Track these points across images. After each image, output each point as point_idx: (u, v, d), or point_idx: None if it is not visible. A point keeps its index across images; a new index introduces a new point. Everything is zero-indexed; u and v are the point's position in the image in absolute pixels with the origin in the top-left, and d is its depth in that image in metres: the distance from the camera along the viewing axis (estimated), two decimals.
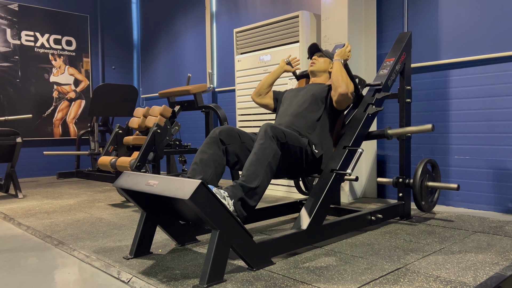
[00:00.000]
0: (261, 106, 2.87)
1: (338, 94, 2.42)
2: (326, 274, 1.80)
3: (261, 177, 2.05)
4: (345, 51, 2.55)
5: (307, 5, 4.21)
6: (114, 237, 2.50)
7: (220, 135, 2.26)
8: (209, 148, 2.23)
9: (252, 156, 2.09)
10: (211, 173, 2.18)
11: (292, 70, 2.89)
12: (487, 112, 3.14)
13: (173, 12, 6.07)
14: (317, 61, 2.74)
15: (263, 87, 2.83)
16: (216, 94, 5.39)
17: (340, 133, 2.62)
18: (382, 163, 3.77)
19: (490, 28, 3.11)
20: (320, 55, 2.77)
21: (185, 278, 1.78)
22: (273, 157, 2.11)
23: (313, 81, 2.77)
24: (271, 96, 2.85)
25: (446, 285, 1.66)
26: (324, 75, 2.74)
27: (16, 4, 5.63)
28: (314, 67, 2.73)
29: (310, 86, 2.68)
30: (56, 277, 1.91)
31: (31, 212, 3.31)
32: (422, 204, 2.89)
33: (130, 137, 3.63)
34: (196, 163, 2.19)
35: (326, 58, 2.75)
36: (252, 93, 2.87)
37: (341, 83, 2.41)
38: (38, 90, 5.83)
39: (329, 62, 2.73)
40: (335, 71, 2.48)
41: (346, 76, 2.46)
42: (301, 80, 2.99)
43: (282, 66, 2.87)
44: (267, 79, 2.84)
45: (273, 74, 2.85)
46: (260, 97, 2.85)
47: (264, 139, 2.12)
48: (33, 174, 5.77)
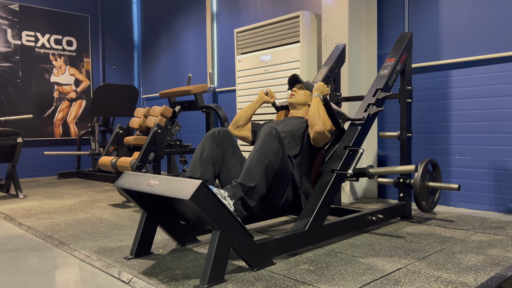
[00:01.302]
0: (238, 138, 2.72)
1: (314, 132, 2.32)
2: (327, 275, 1.80)
3: (260, 176, 2.05)
4: (324, 86, 2.48)
5: (308, 5, 4.20)
6: (115, 237, 2.50)
7: (219, 134, 2.27)
8: (207, 145, 2.24)
9: (253, 154, 2.08)
10: (210, 171, 2.20)
11: (271, 101, 2.78)
12: (488, 112, 3.14)
13: (174, 12, 6.08)
14: (297, 93, 2.67)
15: (241, 119, 2.69)
16: (216, 94, 5.39)
17: (319, 171, 2.50)
18: (382, 163, 3.76)
19: (491, 28, 3.11)
20: (300, 87, 2.69)
21: (185, 278, 1.78)
22: (275, 155, 2.09)
23: (292, 113, 2.69)
24: (249, 129, 2.72)
25: (447, 285, 1.66)
26: (304, 108, 2.65)
27: (17, 4, 5.63)
28: (293, 99, 2.66)
29: (289, 120, 2.59)
30: (56, 277, 1.91)
31: (31, 212, 3.31)
32: (423, 204, 2.88)
33: (130, 137, 3.63)
34: (195, 161, 2.20)
35: (306, 90, 2.67)
36: (230, 125, 2.73)
37: (318, 121, 2.31)
38: (39, 90, 5.83)
39: (309, 95, 2.65)
40: (312, 108, 2.38)
41: (323, 113, 2.37)
42: (280, 112, 2.92)
43: (262, 97, 2.76)
44: (245, 111, 2.71)
45: (251, 106, 2.73)
46: (237, 129, 2.69)
47: (267, 137, 2.10)
48: (33, 174, 5.77)
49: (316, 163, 2.51)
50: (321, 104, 2.42)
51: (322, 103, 2.43)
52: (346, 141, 2.42)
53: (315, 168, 2.50)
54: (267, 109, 4.02)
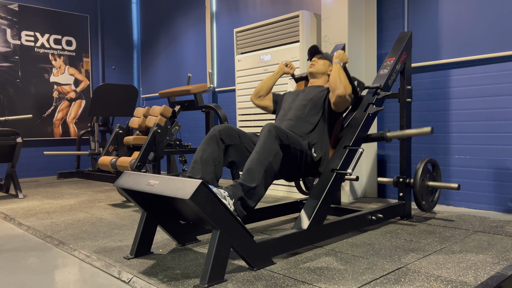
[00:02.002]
0: (260, 108, 2.87)
1: (336, 96, 2.41)
2: (327, 274, 1.80)
3: (261, 177, 2.05)
4: (344, 54, 2.56)
5: (307, 5, 4.20)
6: (115, 237, 2.50)
7: (220, 133, 2.26)
8: (208, 146, 2.23)
9: (253, 155, 2.09)
10: (210, 172, 2.19)
11: (291, 72, 2.89)
12: (487, 112, 3.14)
13: (173, 12, 6.07)
14: (317, 63, 2.74)
15: (262, 89, 2.83)
16: (216, 94, 5.39)
17: (338, 136, 2.61)
18: (382, 163, 3.76)
19: (491, 28, 3.11)
20: (320, 57, 2.76)
21: (185, 278, 1.78)
22: (274, 157, 2.11)
23: (312, 83, 2.76)
24: (271, 98, 2.85)
25: (447, 284, 1.66)
26: (323, 77, 2.73)
27: (16, 4, 5.63)
28: (314, 68, 2.73)
29: (309, 89, 2.67)
30: (56, 277, 1.91)
31: (31, 212, 3.31)
32: (422, 203, 2.89)
33: (130, 137, 3.63)
34: (196, 161, 2.20)
35: (326, 60, 2.74)
36: (251, 95, 2.86)
37: (339, 85, 2.40)
38: (38, 90, 5.83)
39: (329, 65, 2.72)
40: (333, 73, 2.48)
41: (345, 78, 2.45)
42: (299, 83, 2.98)
43: (282, 68, 2.87)
44: (266, 81, 2.84)
45: (272, 76, 2.85)
46: (259, 99, 2.84)
47: (267, 138, 2.12)
48: (33, 174, 5.77)
49: (335, 129, 2.62)
50: (342, 70, 2.50)
51: (343, 69, 2.51)
52: (346, 140, 2.43)
53: (334, 133, 2.61)
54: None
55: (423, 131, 2.51)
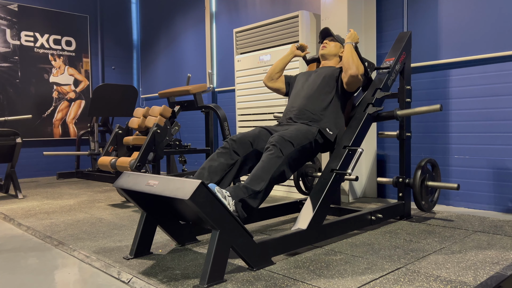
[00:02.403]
0: (273, 90, 2.90)
1: (348, 75, 2.46)
2: (327, 274, 1.80)
3: (266, 183, 2.10)
4: (355, 34, 2.62)
5: (307, 5, 4.20)
6: (114, 237, 2.50)
7: (233, 147, 2.30)
8: (219, 157, 2.26)
9: (260, 164, 2.16)
10: (217, 180, 2.20)
11: (302, 54, 2.92)
12: (487, 112, 3.14)
13: (173, 12, 6.07)
14: (328, 45, 2.78)
15: (274, 71, 2.86)
16: (216, 94, 5.39)
17: (349, 115, 2.67)
18: (382, 163, 3.77)
19: (490, 28, 3.11)
20: (331, 39, 2.80)
21: (185, 278, 1.78)
22: (278, 169, 2.16)
23: (324, 64, 2.81)
24: (283, 80, 2.88)
25: (447, 284, 1.66)
26: (335, 59, 2.78)
27: (16, 5, 5.63)
28: (325, 50, 2.77)
29: (321, 69, 2.72)
30: (56, 277, 1.91)
31: (31, 212, 3.31)
32: (422, 203, 2.89)
33: (130, 137, 3.63)
34: (204, 168, 2.21)
35: (337, 42, 2.79)
36: (264, 78, 2.89)
37: (352, 65, 2.45)
38: (38, 91, 5.83)
39: (340, 47, 2.78)
40: (346, 53, 2.52)
41: (357, 58, 2.51)
42: (311, 65, 3.03)
43: (293, 51, 2.90)
44: (278, 63, 2.87)
45: (283, 58, 2.88)
46: (272, 82, 2.87)
47: (273, 152, 2.18)
48: (33, 175, 5.77)
49: (347, 108, 2.70)
50: (354, 50, 2.54)
51: (355, 50, 2.55)
52: (346, 140, 2.43)
53: (346, 112, 2.68)
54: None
55: (432, 108, 2.52)
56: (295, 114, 2.57)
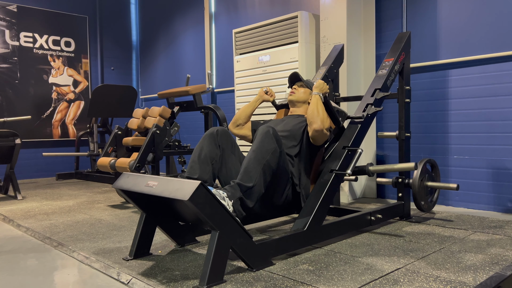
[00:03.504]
0: (238, 137, 2.73)
1: (312, 130, 2.33)
2: (326, 275, 1.80)
3: (258, 176, 2.06)
4: (324, 84, 2.50)
5: (306, 6, 4.21)
6: (114, 238, 2.50)
7: (218, 133, 2.27)
8: (206, 145, 2.24)
9: (250, 154, 2.09)
10: (208, 171, 2.20)
11: (270, 99, 2.78)
12: (486, 112, 3.14)
13: (172, 12, 6.07)
14: (297, 91, 2.67)
15: (240, 117, 2.69)
16: (215, 94, 5.39)
17: (319, 169, 2.50)
18: (381, 163, 3.76)
19: (489, 28, 3.11)
20: (300, 84, 2.69)
21: (185, 279, 1.78)
22: (272, 154, 2.10)
23: (292, 111, 2.69)
24: (249, 127, 2.71)
25: (446, 285, 1.66)
26: (304, 106, 2.65)
27: (15, 5, 5.62)
28: (293, 96, 2.66)
29: (288, 119, 2.60)
30: (55, 279, 1.90)
31: (30, 213, 3.31)
32: (421, 204, 2.89)
33: (129, 138, 3.62)
34: (194, 161, 2.21)
35: (307, 88, 2.67)
36: (229, 124, 2.73)
37: (316, 119, 2.31)
38: (37, 91, 5.83)
39: (310, 93, 2.65)
40: (312, 105, 2.39)
41: (322, 111, 2.36)
42: (280, 110, 2.92)
43: (261, 95, 2.76)
44: (245, 109, 2.70)
45: (251, 104, 2.72)
46: (237, 128, 2.69)
47: (264, 136, 2.11)
48: (32, 175, 5.76)
49: (316, 162, 2.50)
50: (321, 102, 2.42)
51: (321, 101, 2.43)
52: (345, 141, 2.42)
53: (315, 166, 2.50)
54: (266, 109, 4.02)
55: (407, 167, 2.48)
56: None
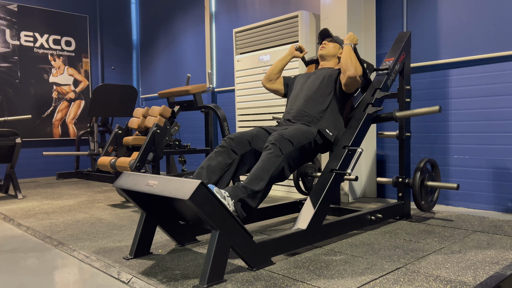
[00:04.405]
0: (271, 91, 2.90)
1: (347, 77, 2.46)
2: (326, 274, 1.80)
3: (265, 183, 2.10)
4: (354, 36, 2.61)
5: (307, 5, 4.21)
6: (114, 238, 2.50)
7: (231, 145, 2.30)
8: (217, 156, 2.26)
9: (259, 163, 2.15)
10: (215, 180, 2.20)
11: (301, 55, 2.91)
12: (486, 112, 3.14)
13: (173, 12, 6.07)
14: (327, 46, 2.79)
15: (273, 72, 2.85)
16: (215, 94, 5.39)
17: (348, 116, 2.67)
18: (381, 163, 3.77)
19: (489, 28, 3.11)
20: (330, 40, 2.81)
21: (185, 278, 1.78)
22: (277, 168, 2.16)
23: (322, 65, 2.81)
24: (281, 82, 2.87)
25: (446, 284, 1.66)
26: (334, 60, 2.78)
27: (15, 5, 5.63)
28: (324, 51, 2.77)
29: (320, 71, 2.72)
30: (56, 278, 1.91)
31: (30, 212, 3.31)
32: (421, 203, 2.89)
33: (129, 137, 3.63)
34: (202, 168, 2.22)
35: (336, 43, 2.79)
36: (262, 79, 2.89)
37: (350, 67, 2.45)
38: (38, 91, 5.83)
39: (339, 48, 2.78)
40: (344, 54, 2.52)
41: (355, 59, 2.50)
42: (310, 66, 3.03)
43: (292, 52, 2.89)
44: (277, 64, 2.86)
45: (282, 60, 2.87)
46: (270, 83, 2.86)
47: (272, 151, 2.18)
48: (32, 175, 5.77)
49: (346, 109, 2.67)
50: (353, 52, 2.53)
51: (353, 51, 2.54)
52: (345, 140, 2.43)
53: (345, 114, 2.66)
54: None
55: (431, 110, 2.51)
56: (293, 115, 2.57)
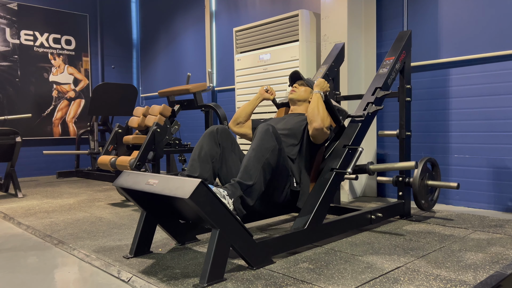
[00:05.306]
0: (239, 135, 2.73)
1: (313, 128, 2.32)
2: (326, 273, 1.80)
3: (258, 174, 2.06)
4: (325, 83, 2.50)
5: (307, 4, 4.20)
6: (114, 236, 2.50)
7: (218, 131, 2.27)
8: (206, 143, 2.24)
9: (250, 153, 2.09)
10: (208, 169, 2.20)
11: (271, 98, 2.79)
12: (486, 111, 3.14)
13: (173, 11, 6.07)
14: (298, 90, 2.66)
15: (241, 116, 2.69)
16: (215, 93, 5.39)
17: (320, 168, 2.49)
18: (382, 162, 3.76)
19: (490, 27, 3.11)
20: (301, 83, 2.69)
21: (185, 277, 1.78)
22: (272, 152, 2.10)
23: (293, 109, 2.69)
24: (250, 126, 2.71)
25: (446, 283, 1.66)
26: (304, 104, 2.65)
27: (15, 4, 5.62)
28: (294, 95, 2.66)
29: (289, 118, 2.59)
30: (56, 276, 1.91)
31: (31, 211, 3.31)
32: (422, 203, 2.89)
33: (129, 136, 3.63)
34: (194, 159, 2.21)
35: (307, 87, 2.67)
36: (230, 122, 2.73)
37: (317, 117, 2.31)
38: (38, 90, 5.83)
39: (310, 91, 2.65)
40: (312, 104, 2.39)
41: (323, 109, 2.36)
42: (281, 109, 2.92)
43: (262, 93, 2.77)
44: (245, 107, 2.71)
45: (251, 103, 2.73)
46: (237, 126, 2.70)
47: (263, 134, 2.11)
48: (32, 174, 5.77)
49: (317, 160, 2.50)
50: (321, 100, 2.42)
51: (322, 100, 2.43)
52: (346, 140, 2.42)
53: (316, 164, 2.50)
54: (267, 108, 4.02)
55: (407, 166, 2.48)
56: None
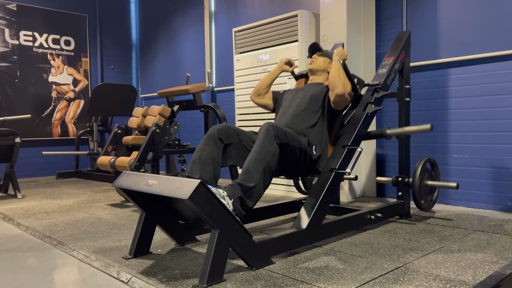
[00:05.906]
0: (260, 106, 2.86)
1: (335, 94, 2.41)
2: (326, 274, 1.80)
3: (259, 176, 2.06)
4: (343, 51, 2.56)
5: (306, 4, 4.20)
6: (114, 237, 2.50)
7: (219, 133, 2.26)
8: (207, 146, 2.23)
9: (252, 155, 2.10)
10: (209, 171, 2.19)
11: (290, 69, 2.87)
12: (486, 111, 3.14)
13: (172, 11, 6.07)
14: (317, 60, 2.73)
15: (261, 87, 2.82)
16: (215, 93, 5.39)
17: (338, 134, 2.61)
18: (381, 162, 3.77)
19: (490, 27, 3.11)
20: (320, 54, 2.76)
21: (184, 277, 1.78)
22: (273, 156, 2.11)
23: (312, 80, 2.76)
24: (270, 97, 2.84)
25: (446, 283, 1.66)
26: (323, 74, 2.73)
27: (15, 4, 5.62)
28: (313, 65, 2.73)
29: (309, 87, 2.67)
30: (55, 277, 1.91)
31: (30, 212, 3.31)
32: (421, 203, 2.89)
33: (129, 137, 3.62)
34: (194, 161, 2.20)
35: (326, 57, 2.74)
36: (251, 93, 2.86)
37: (338, 84, 2.40)
38: (37, 90, 5.82)
39: (329, 62, 2.72)
40: (333, 71, 2.47)
41: (344, 76, 2.45)
42: (299, 80, 2.97)
43: (281, 65, 2.86)
44: (265, 79, 2.84)
45: (271, 74, 2.85)
46: (259, 97, 2.84)
47: (265, 137, 2.12)
48: (32, 174, 5.76)
49: (335, 127, 2.60)
50: (342, 68, 2.49)
51: (342, 67, 2.50)
52: (345, 140, 2.43)
53: (334, 131, 2.60)
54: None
55: (422, 128, 2.51)
56: None
